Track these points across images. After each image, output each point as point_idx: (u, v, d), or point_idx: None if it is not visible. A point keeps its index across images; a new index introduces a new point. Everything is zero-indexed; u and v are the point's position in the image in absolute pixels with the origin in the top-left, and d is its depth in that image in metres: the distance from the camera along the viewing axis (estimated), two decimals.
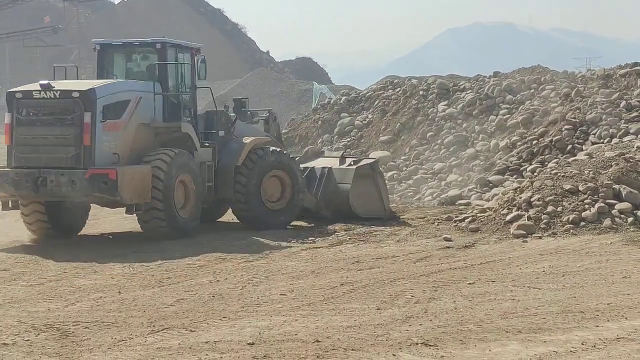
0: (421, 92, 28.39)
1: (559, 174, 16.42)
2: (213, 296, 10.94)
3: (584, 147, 20.20)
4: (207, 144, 16.71)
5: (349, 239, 15.71)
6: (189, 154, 15.92)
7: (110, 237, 16.81)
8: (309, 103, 47.93)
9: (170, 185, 15.12)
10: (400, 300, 10.31)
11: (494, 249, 13.94)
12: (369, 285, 11.30)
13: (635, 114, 21.18)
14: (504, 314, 9.30)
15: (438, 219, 17.22)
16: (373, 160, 19.17)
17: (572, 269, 11.85)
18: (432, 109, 26.96)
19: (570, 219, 14.93)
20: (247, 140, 17.02)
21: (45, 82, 15.22)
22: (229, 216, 18.80)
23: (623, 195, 15.42)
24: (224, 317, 9.67)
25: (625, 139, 19.01)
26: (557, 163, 18.89)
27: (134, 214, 15.35)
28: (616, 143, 18.52)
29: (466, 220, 16.31)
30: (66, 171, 14.58)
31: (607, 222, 14.79)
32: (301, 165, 18.29)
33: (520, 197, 16.04)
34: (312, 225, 17.30)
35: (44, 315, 9.94)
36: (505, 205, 16.18)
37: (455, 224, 16.42)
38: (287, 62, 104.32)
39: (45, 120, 14.92)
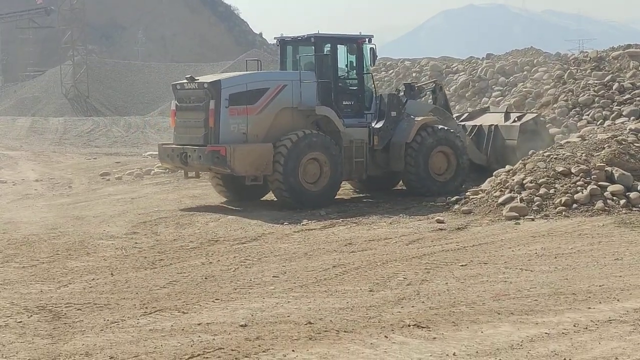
0: (414, 74, 28.37)
1: (551, 156, 16.43)
2: (205, 278, 10.95)
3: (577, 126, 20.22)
4: (362, 124, 18.60)
5: (342, 221, 15.72)
6: (323, 134, 17.77)
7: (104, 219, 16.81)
8: None
9: (293, 161, 17.18)
10: (392, 282, 10.33)
11: (487, 231, 13.96)
12: (362, 267, 11.32)
13: (627, 96, 21.24)
14: (496, 296, 9.32)
15: (432, 202, 17.27)
16: (536, 114, 20.63)
17: (564, 251, 11.87)
18: None
19: (563, 201, 14.94)
20: (417, 119, 18.79)
21: (189, 75, 18.53)
22: (214, 199, 18.81)
23: (615, 177, 15.44)
24: (216, 299, 9.68)
25: (618, 121, 19.04)
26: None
27: (251, 183, 17.50)
28: (609, 125, 18.54)
29: (459, 202, 16.33)
30: (197, 148, 17.38)
31: (599, 204, 14.80)
32: (469, 123, 20.57)
33: (513, 179, 16.06)
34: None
35: (36, 297, 9.94)
36: (497, 188, 16.20)
37: (447, 206, 16.45)
38: None
39: (189, 107, 17.85)
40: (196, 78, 18.12)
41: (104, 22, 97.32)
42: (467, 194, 16.73)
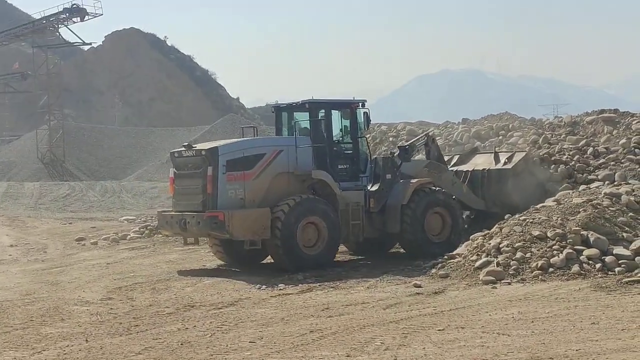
0: (391, 139, 28.51)
1: (527, 220, 16.52)
2: (181, 344, 10.85)
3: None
4: (358, 188, 18.91)
5: (319, 285, 15.67)
6: (320, 199, 18.12)
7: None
8: None
9: (291, 226, 17.37)
10: (369, 347, 10.27)
11: (464, 295, 13.95)
12: (339, 332, 11.26)
13: (602, 160, 21.42)
14: None
15: (408, 266, 17.27)
16: (525, 152, 21.20)
17: (541, 315, 11.87)
18: None
19: (539, 265, 14.98)
20: (412, 182, 19.21)
21: (187, 143, 18.95)
22: (190, 263, 18.71)
23: (591, 241, 15.51)
24: None
25: (593, 185, 19.19)
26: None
27: (250, 248, 17.63)
28: (584, 189, 18.69)
29: (436, 267, 16.34)
30: (196, 214, 17.58)
31: (575, 268, 14.85)
32: (461, 168, 21.11)
33: (489, 244, 16.11)
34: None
35: None
36: (474, 252, 16.23)
37: (425, 271, 16.45)
38: (257, 109, 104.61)
39: (188, 174, 18.12)
40: (193, 145, 18.47)
41: (81, 87, 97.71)
42: (444, 257, 16.74)
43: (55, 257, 21.52)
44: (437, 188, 19.44)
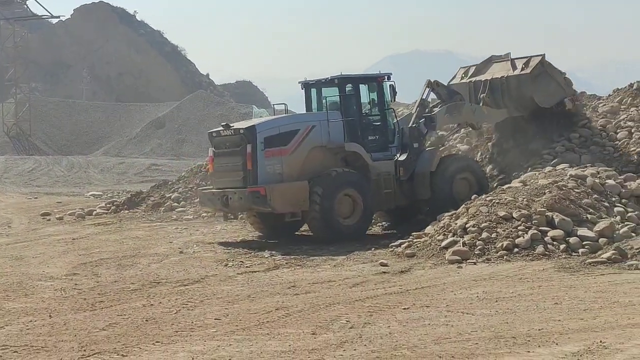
0: None
1: (493, 200, 16.62)
2: (146, 320, 10.82)
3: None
4: (387, 157, 19.66)
5: (286, 263, 15.68)
6: (354, 171, 18.89)
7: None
8: None
9: (329, 198, 18.17)
10: (335, 325, 10.30)
11: (430, 275, 14.02)
12: (305, 310, 11.28)
13: (568, 144, 21.52)
14: (438, 339, 9.35)
15: (375, 245, 17.31)
16: (541, 56, 21.30)
17: (505, 294, 11.96)
18: None
19: (504, 246, 15.09)
20: (439, 149, 20.73)
21: (224, 123, 19.67)
22: (156, 240, 18.64)
23: (556, 222, 15.64)
24: (157, 342, 9.56)
25: (559, 167, 19.32)
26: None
27: (291, 220, 18.69)
28: (550, 171, 18.81)
29: (402, 246, 16.40)
30: (238, 190, 18.32)
31: (540, 248, 14.97)
32: (478, 78, 21.72)
33: (456, 224, 16.19)
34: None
35: None
36: (441, 231, 16.31)
37: (391, 249, 16.51)
38: (227, 86, 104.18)
39: (227, 152, 18.83)
40: (231, 125, 19.19)
41: (49, 60, 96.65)
42: (411, 237, 16.80)
43: (20, 232, 21.36)
44: (462, 154, 21.09)
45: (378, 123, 20.01)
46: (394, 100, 20.45)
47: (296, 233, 19.67)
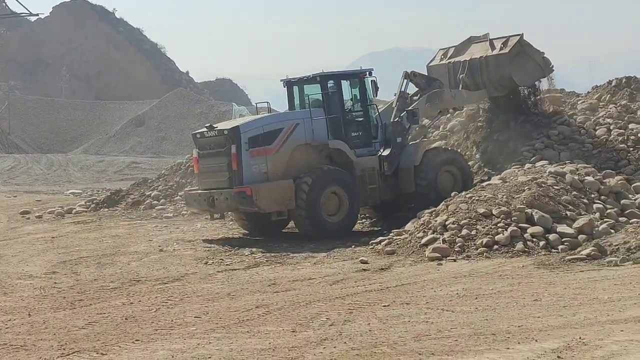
0: None
1: (473, 197, 16.66)
2: (126, 319, 10.78)
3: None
4: (371, 153, 19.74)
5: (266, 260, 15.67)
6: (339, 169, 18.94)
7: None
8: None
9: (314, 196, 18.21)
10: (315, 323, 10.30)
11: (409, 272, 14.04)
12: (285, 308, 11.28)
13: (547, 141, 21.62)
14: (418, 336, 9.37)
15: (355, 242, 17.32)
16: (519, 36, 21.50)
17: (485, 291, 12.00)
18: None
19: (484, 242, 15.13)
20: (422, 143, 20.70)
21: (208, 124, 19.63)
22: (136, 238, 18.57)
23: (535, 219, 15.70)
24: (136, 340, 9.53)
25: (538, 164, 19.40)
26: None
27: (277, 219, 18.66)
28: (529, 168, 18.89)
29: (382, 243, 16.41)
30: (224, 191, 18.28)
31: (519, 245, 15.03)
32: (457, 59, 22.01)
33: (436, 220, 16.22)
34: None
35: None
36: (421, 228, 16.34)
37: (372, 247, 16.52)
38: (207, 83, 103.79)
39: (212, 153, 18.78)
40: (215, 126, 19.18)
41: (28, 58, 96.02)
42: (391, 234, 16.83)
43: None
44: (445, 147, 21.15)
45: (361, 119, 20.08)
46: (376, 96, 20.64)
47: (283, 230, 19.68)
